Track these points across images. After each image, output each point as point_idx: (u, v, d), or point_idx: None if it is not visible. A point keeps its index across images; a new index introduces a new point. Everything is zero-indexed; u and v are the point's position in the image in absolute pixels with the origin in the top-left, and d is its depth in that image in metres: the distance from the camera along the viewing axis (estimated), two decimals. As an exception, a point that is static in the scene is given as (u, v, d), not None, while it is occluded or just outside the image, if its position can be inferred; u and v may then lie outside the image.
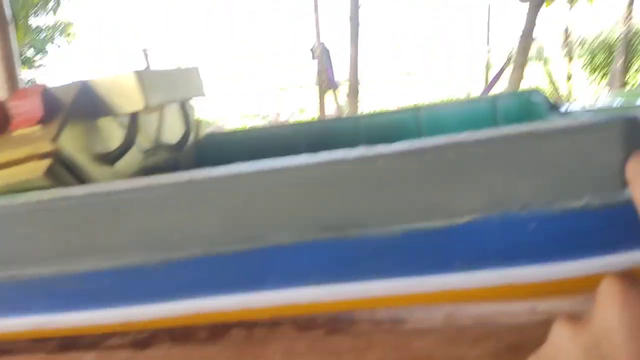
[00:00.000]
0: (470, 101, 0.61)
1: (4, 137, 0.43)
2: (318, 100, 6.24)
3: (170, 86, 0.51)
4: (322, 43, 6.17)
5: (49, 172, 0.40)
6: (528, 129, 0.32)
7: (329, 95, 6.17)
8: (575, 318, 0.20)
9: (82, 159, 0.43)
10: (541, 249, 0.35)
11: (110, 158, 0.47)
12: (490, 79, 5.29)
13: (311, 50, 5.98)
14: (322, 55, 5.99)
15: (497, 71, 4.09)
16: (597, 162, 0.32)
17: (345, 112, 3.72)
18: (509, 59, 3.72)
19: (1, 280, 0.40)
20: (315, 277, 0.38)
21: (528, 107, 0.59)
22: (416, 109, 0.60)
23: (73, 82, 0.45)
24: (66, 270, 0.39)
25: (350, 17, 2.94)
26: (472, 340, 0.44)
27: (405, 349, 0.44)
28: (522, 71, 3.59)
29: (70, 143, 0.42)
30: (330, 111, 8.17)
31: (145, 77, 0.45)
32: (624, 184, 0.33)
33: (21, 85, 1.71)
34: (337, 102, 6.26)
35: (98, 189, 0.37)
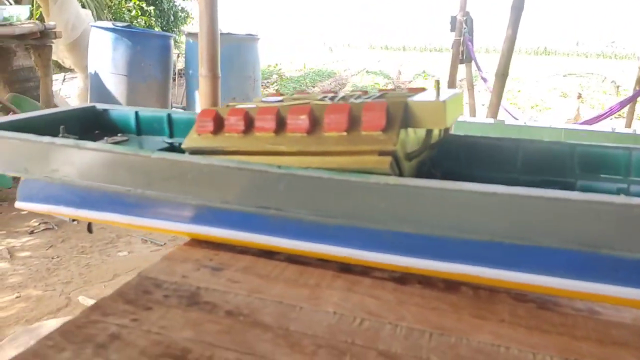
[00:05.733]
0: None
1: (355, 134, 0.64)
2: (449, 71, 6.16)
3: (456, 109, 0.69)
4: (468, 12, 5.99)
5: (390, 166, 0.61)
6: None
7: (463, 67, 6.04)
8: None
9: (401, 155, 0.64)
10: None
11: (410, 156, 0.67)
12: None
13: (451, 20, 5.84)
14: (465, 26, 5.85)
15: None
16: None
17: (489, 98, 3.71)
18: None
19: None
20: (563, 273, 0.56)
21: None
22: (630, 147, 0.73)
23: (399, 103, 0.63)
24: (397, 228, 0.61)
25: (513, 3, 2.90)
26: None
27: (605, 334, 0.60)
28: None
29: (399, 145, 0.63)
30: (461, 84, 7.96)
31: (448, 105, 0.64)
32: None
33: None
34: (470, 77, 6.12)
35: (431, 184, 0.57)
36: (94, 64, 4.57)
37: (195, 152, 0.72)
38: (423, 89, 0.76)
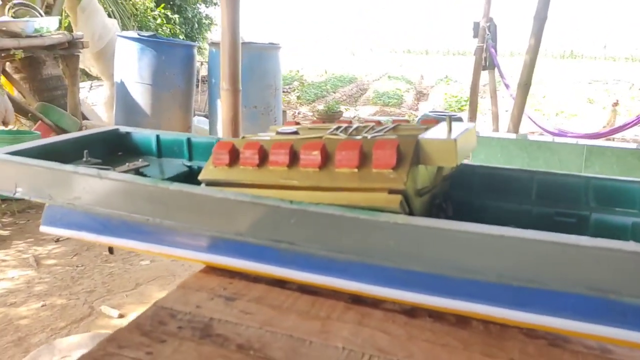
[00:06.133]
0: None
1: (366, 171, 0.65)
2: (472, 78, 6.10)
3: (468, 145, 0.70)
4: (491, 19, 5.94)
5: (400, 204, 0.62)
6: None
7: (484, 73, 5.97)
8: None
9: (412, 193, 0.65)
10: None
11: (421, 192, 0.68)
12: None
13: (474, 27, 5.79)
14: (488, 32, 5.79)
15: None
16: None
17: (512, 106, 3.66)
18: None
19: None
20: (571, 315, 0.56)
21: None
22: None
23: (410, 141, 0.64)
24: (406, 266, 0.61)
25: (536, 13, 2.87)
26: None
27: (617, 375, 0.60)
28: None
29: (409, 183, 0.63)
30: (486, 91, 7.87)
31: (459, 143, 0.64)
32: None
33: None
34: (493, 84, 6.06)
35: (438, 224, 0.58)
36: (120, 73, 4.68)
37: (211, 183, 0.74)
38: (436, 122, 0.76)
